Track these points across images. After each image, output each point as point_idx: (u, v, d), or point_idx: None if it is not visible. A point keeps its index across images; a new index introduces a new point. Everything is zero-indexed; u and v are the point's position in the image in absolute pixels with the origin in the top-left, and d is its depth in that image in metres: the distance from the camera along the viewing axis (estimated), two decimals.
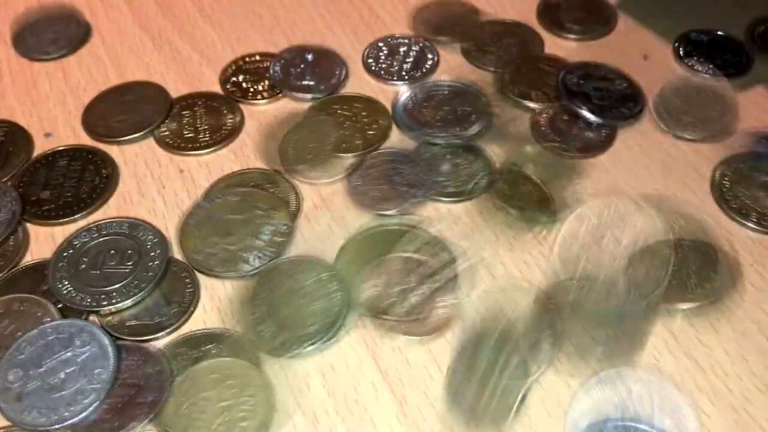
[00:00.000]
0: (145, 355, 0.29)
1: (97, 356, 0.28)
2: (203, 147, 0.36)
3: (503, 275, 0.31)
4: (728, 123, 0.36)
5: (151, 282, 0.31)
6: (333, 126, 0.36)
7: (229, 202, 0.33)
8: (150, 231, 0.33)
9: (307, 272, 0.31)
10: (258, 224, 0.32)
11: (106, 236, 0.32)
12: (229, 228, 0.32)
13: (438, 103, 0.37)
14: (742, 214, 0.32)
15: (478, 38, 0.41)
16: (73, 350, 0.28)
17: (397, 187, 0.34)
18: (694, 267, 0.30)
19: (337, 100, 0.38)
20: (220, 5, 0.44)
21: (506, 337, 0.28)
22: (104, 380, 0.27)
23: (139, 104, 0.38)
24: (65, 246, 0.32)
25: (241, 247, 0.32)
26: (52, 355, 0.28)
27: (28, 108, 0.39)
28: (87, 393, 0.27)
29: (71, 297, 0.30)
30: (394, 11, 0.43)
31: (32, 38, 0.42)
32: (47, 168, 0.35)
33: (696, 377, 0.28)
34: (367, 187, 0.34)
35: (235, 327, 0.30)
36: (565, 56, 0.40)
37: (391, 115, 0.37)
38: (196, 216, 0.33)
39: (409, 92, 0.38)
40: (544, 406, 0.27)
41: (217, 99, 0.39)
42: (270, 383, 0.28)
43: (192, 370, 0.28)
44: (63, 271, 0.31)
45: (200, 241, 0.32)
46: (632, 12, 0.42)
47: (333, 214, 0.33)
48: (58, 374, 0.27)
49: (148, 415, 0.27)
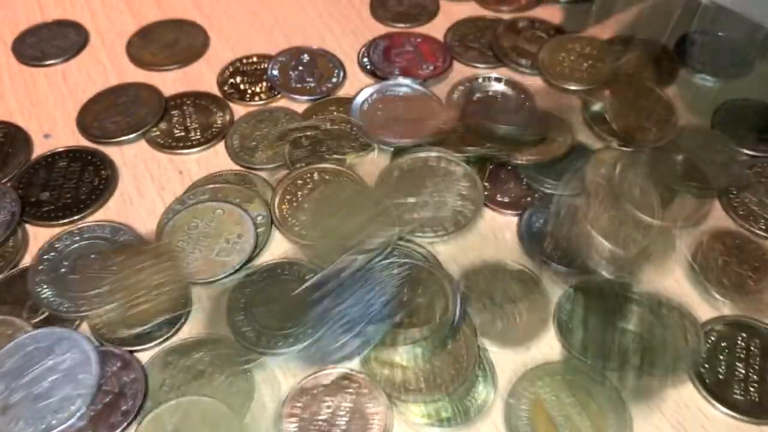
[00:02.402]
0: (124, 362, 0.28)
1: (80, 362, 0.28)
2: (194, 145, 0.36)
3: None
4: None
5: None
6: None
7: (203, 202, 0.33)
8: (132, 235, 0.32)
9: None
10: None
11: (87, 240, 0.32)
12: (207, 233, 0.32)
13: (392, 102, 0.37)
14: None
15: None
16: (55, 358, 0.28)
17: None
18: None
19: (334, 102, 0.38)
20: (220, 6, 0.44)
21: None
22: (89, 386, 0.27)
23: (133, 106, 0.38)
24: (46, 249, 0.32)
25: (218, 252, 0.32)
26: (34, 364, 0.28)
27: (28, 109, 0.39)
28: (73, 399, 0.27)
29: (49, 302, 0.30)
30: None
31: (31, 50, 0.42)
32: (47, 169, 0.36)
33: None
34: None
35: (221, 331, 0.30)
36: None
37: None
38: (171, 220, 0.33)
39: (370, 91, 0.38)
40: None
41: (205, 97, 0.39)
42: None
43: (184, 401, 0.27)
44: (43, 275, 0.31)
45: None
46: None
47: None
48: (43, 383, 0.27)
49: (122, 424, 0.27)
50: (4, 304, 0.31)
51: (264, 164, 0.35)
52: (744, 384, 0.28)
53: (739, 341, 0.29)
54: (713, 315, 0.30)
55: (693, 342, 0.28)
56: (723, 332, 0.29)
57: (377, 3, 0.44)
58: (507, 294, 0.30)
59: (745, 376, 0.28)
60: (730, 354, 0.28)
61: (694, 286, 0.30)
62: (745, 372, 0.28)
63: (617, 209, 0.31)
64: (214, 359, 0.28)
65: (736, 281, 0.30)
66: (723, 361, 0.28)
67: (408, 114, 0.36)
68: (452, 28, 0.42)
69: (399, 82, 0.38)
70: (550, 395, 0.27)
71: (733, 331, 0.29)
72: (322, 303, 0.28)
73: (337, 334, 0.27)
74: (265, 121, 0.37)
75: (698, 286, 0.30)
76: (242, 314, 0.29)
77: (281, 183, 0.34)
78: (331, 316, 0.28)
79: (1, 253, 0.32)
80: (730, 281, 0.30)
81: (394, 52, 0.40)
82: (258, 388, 0.28)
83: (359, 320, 0.27)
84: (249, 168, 0.35)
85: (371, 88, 0.38)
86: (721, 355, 0.28)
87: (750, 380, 0.28)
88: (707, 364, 0.28)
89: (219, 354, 0.28)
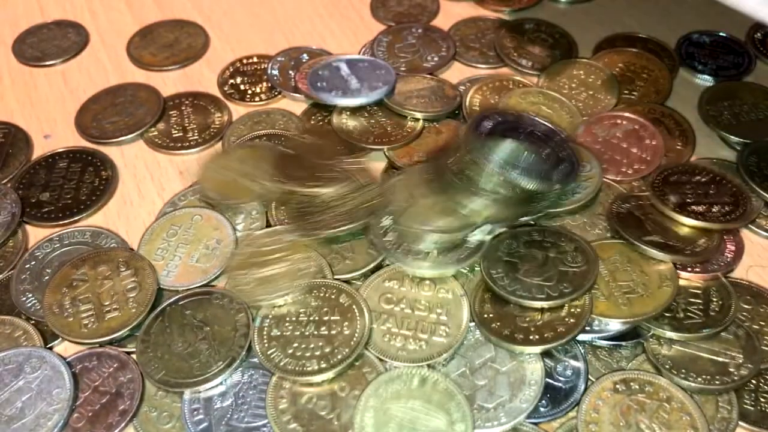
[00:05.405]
0: (120, 363, 0.28)
1: (51, 378, 0.28)
2: (192, 146, 0.36)
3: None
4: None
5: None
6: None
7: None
8: (113, 239, 0.32)
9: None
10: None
11: (68, 246, 0.32)
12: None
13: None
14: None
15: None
16: (25, 377, 0.27)
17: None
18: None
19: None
20: (220, 6, 0.44)
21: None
22: (64, 399, 0.27)
23: (131, 106, 0.38)
24: (27, 258, 0.32)
25: (198, 258, 0.32)
26: (4, 387, 0.27)
27: (28, 109, 0.39)
28: (49, 416, 0.27)
29: (36, 310, 0.30)
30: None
31: (31, 50, 0.42)
32: (47, 170, 0.35)
33: None
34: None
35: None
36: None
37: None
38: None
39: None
40: None
41: (204, 98, 0.39)
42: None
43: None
44: (26, 284, 0.31)
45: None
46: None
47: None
48: (15, 404, 0.27)
49: (120, 424, 0.27)
50: (4, 304, 0.31)
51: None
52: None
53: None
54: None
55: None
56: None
57: (377, 3, 0.44)
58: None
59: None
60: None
61: None
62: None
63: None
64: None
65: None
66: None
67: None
68: (453, 28, 0.42)
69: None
70: None
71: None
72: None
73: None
74: (262, 122, 0.37)
75: None
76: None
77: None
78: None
79: (1, 254, 0.32)
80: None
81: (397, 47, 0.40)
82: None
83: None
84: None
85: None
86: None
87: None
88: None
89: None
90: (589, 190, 0.32)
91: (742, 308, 0.29)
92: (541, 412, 0.27)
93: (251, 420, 0.27)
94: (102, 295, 0.30)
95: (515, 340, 0.28)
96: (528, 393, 0.27)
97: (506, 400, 0.27)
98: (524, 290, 0.29)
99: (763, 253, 0.32)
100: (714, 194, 0.32)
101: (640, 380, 0.27)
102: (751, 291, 0.30)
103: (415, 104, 0.36)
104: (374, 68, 0.37)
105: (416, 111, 0.36)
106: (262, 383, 0.28)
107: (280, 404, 0.27)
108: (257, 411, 0.27)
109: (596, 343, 0.29)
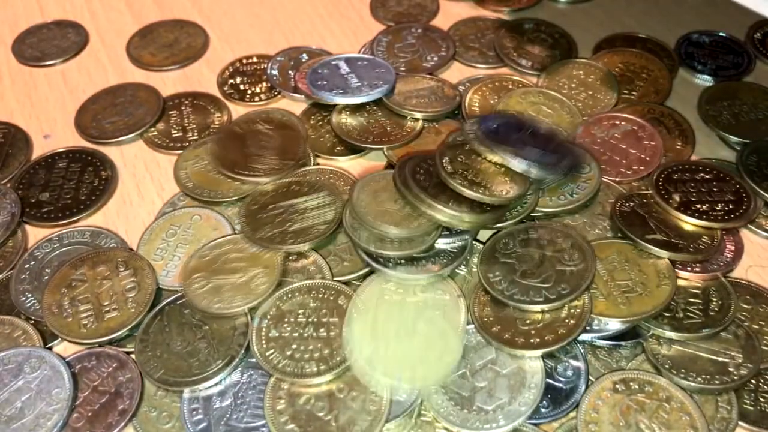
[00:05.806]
0: (120, 363, 0.28)
1: (51, 378, 0.28)
2: (192, 146, 0.36)
3: None
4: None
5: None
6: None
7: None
8: (113, 238, 0.32)
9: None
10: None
11: (68, 246, 0.32)
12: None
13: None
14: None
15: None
16: (24, 377, 0.28)
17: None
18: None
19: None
20: (220, 6, 0.44)
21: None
22: (63, 399, 0.27)
23: (131, 106, 0.38)
24: (27, 258, 0.32)
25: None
26: (3, 387, 0.27)
27: (28, 109, 0.39)
28: (49, 415, 0.27)
29: (35, 310, 0.30)
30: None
31: (31, 50, 0.42)
32: (46, 170, 0.35)
33: None
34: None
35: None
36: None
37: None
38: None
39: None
40: None
41: (204, 97, 0.39)
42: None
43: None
44: (26, 284, 0.31)
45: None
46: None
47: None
48: (14, 404, 0.27)
49: (120, 424, 0.27)
50: (3, 304, 0.31)
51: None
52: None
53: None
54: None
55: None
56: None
57: (377, 3, 0.44)
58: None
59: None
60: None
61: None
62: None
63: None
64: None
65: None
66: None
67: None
68: (452, 28, 0.42)
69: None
70: None
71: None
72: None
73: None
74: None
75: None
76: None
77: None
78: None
79: (1, 254, 0.32)
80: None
81: (397, 47, 0.40)
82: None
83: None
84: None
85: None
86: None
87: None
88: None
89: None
90: (588, 190, 0.32)
91: (742, 308, 0.29)
92: (542, 413, 0.27)
93: (250, 420, 0.27)
94: (101, 295, 0.30)
95: (516, 344, 0.28)
96: (527, 396, 0.27)
97: (505, 402, 0.27)
98: (522, 293, 0.29)
99: (763, 253, 0.32)
100: (717, 192, 0.32)
101: (640, 380, 0.27)
102: (750, 291, 0.30)
103: (414, 104, 0.36)
104: (374, 67, 0.37)
105: (416, 111, 0.36)
106: (261, 383, 0.28)
107: (278, 405, 0.27)
108: (256, 411, 0.27)
109: (596, 343, 0.28)
